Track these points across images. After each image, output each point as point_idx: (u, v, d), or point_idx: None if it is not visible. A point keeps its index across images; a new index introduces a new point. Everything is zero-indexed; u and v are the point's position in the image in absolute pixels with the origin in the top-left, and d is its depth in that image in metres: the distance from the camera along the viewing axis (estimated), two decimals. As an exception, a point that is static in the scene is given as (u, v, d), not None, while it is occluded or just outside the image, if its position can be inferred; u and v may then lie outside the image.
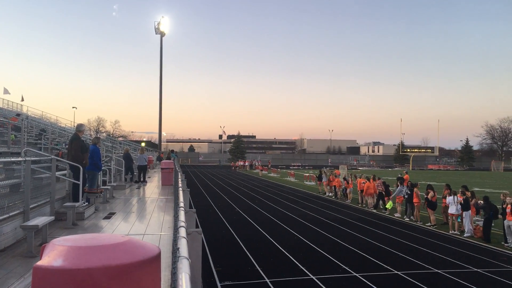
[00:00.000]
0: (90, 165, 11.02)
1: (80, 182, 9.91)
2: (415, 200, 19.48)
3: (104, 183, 14.09)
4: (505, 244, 14.73)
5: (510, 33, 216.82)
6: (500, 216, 15.37)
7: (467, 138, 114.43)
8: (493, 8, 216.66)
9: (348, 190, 28.35)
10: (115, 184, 15.76)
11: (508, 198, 14.60)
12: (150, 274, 2.04)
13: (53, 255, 1.93)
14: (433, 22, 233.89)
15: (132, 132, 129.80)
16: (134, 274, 1.95)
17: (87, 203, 10.44)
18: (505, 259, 13.14)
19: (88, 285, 1.84)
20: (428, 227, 18.39)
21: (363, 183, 25.49)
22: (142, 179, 20.09)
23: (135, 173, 20.81)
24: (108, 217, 10.08)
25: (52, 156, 9.67)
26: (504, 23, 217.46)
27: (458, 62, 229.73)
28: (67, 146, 12.30)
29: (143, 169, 20.47)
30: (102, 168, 12.97)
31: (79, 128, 11.07)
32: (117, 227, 8.85)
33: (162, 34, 50.98)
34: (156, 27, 50.89)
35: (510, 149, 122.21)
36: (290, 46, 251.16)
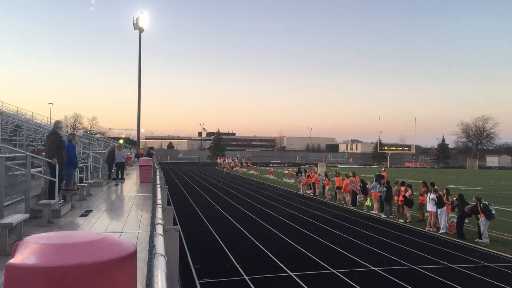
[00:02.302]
0: (66, 162, 10.85)
1: (56, 179, 9.74)
2: (400, 198, 19.63)
3: (81, 180, 13.87)
4: (479, 241, 15.07)
5: (486, 33, 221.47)
6: (473, 215, 15.70)
7: (443, 137, 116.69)
8: (467, 8, 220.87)
9: (326, 188, 28.58)
10: (92, 181, 15.55)
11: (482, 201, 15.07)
12: (126, 272, 2.02)
13: (26, 253, 1.90)
14: (411, 22, 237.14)
15: (110, 129, 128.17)
16: (110, 272, 1.93)
17: (63, 200, 10.27)
18: (478, 254, 13.44)
19: (62, 283, 1.81)
20: (404, 224, 18.68)
21: (342, 180, 25.73)
22: (120, 176, 19.86)
23: (113, 170, 20.56)
24: (84, 214, 9.93)
25: (27, 153, 9.48)
26: (479, 23, 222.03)
27: (435, 62, 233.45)
28: (43, 143, 12.08)
29: (121, 166, 20.23)
30: (79, 165, 12.75)
31: (57, 124, 10.88)
32: (94, 224, 8.73)
33: (141, 30, 50.37)
34: (135, 22, 50.26)
35: (484, 147, 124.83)
36: (270, 43, 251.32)
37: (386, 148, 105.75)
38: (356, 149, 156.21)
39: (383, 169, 32.68)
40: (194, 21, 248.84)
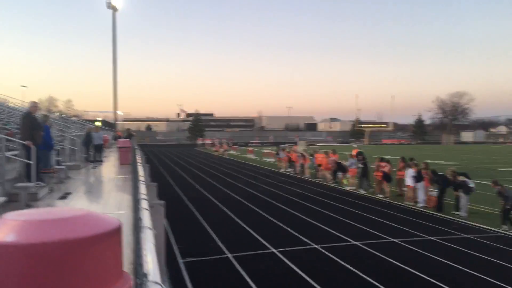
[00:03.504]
0: (41, 144, 10.58)
1: (32, 162, 9.50)
2: (380, 173, 19.88)
3: (58, 163, 13.59)
4: (457, 213, 15.41)
5: (460, 11, 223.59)
6: (451, 187, 16.01)
7: (419, 113, 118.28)
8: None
9: (305, 165, 28.74)
10: (70, 164, 15.26)
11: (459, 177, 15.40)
12: (111, 248, 1.94)
13: (5, 230, 1.79)
14: (388, 1, 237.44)
15: (85, 111, 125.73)
16: (94, 247, 1.84)
17: (40, 183, 10.05)
18: (456, 226, 13.75)
19: (44, 261, 1.72)
20: (384, 199, 18.97)
21: (322, 158, 25.90)
22: (98, 159, 19.56)
23: (90, 153, 20.23)
24: (63, 197, 9.74)
25: (1, 136, 9.20)
26: (453, 2, 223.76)
27: (411, 40, 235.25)
28: (18, 126, 11.74)
29: (99, 148, 19.91)
30: (55, 147, 12.46)
31: (32, 105, 10.58)
32: (73, 206, 8.58)
33: (114, 9, 49.09)
34: (108, 1, 48.92)
35: (460, 123, 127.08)
36: (248, 23, 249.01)
37: (364, 125, 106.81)
38: (335, 128, 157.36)
39: (355, 146, 32.60)
40: (170, 0, 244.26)
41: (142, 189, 2.96)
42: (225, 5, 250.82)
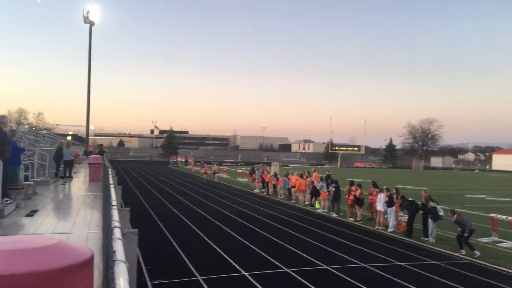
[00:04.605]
0: (8, 159, 10.30)
1: (0, 177, 9.22)
2: (351, 197, 20.05)
3: (26, 178, 13.25)
4: (425, 239, 15.66)
5: (433, 39, 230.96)
6: (421, 212, 16.27)
7: (391, 138, 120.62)
8: (417, 13, 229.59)
9: (279, 187, 28.80)
10: (38, 179, 14.88)
11: (431, 203, 15.73)
12: (82, 279, 1.91)
13: (-28, 261, 1.75)
14: (364, 25, 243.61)
15: (57, 125, 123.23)
16: (65, 279, 1.81)
17: (7, 199, 9.75)
18: (425, 252, 13.96)
19: (13, 293, 1.68)
20: (355, 223, 19.13)
21: (295, 180, 26.00)
22: (68, 175, 19.13)
23: (60, 168, 19.78)
24: (30, 214, 9.47)
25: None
26: (427, 30, 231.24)
27: (384, 66, 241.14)
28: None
29: (69, 164, 19.49)
30: (23, 163, 12.15)
31: (1, 119, 10.31)
32: (40, 225, 8.34)
33: (91, 24, 48.78)
34: (85, 16, 48.59)
35: (429, 148, 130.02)
36: (224, 43, 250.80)
37: (337, 148, 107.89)
38: (308, 149, 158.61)
39: (313, 169, 32.14)
40: (148, 17, 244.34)
41: (115, 215, 2.91)
42: (202, 23, 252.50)
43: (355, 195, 19.68)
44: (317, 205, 23.38)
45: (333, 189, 21.58)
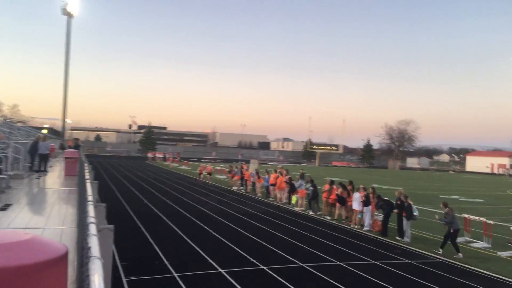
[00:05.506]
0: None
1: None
2: (333, 196, 20.22)
3: (-1, 171, 12.94)
4: (399, 238, 15.92)
5: (411, 40, 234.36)
6: (395, 211, 16.53)
7: (368, 138, 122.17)
8: (394, 14, 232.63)
9: (258, 185, 28.86)
10: (12, 173, 14.59)
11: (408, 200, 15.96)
12: (56, 275, 1.89)
13: None
14: (342, 23, 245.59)
15: (32, 117, 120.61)
16: (38, 275, 1.79)
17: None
18: (399, 251, 14.19)
19: (-16, 289, 1.65)
20: (332, 221, 19.33)
21: (276, 178, 26.08)
22: (43, 169, 18.80)
23: (35, 162, 19.42)
24: (3, 208, 9.29)
25: None
26: (399, 26, 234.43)
27: (363, 66, 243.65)
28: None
29: (45, 158, 19.15)
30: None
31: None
32: (14, 219, 8.19)
33: (69, 16, 47.92)
34: (64, 7, 47.70)
35: (406, 149, 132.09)
36: (204, 39, 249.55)
37: (315, 147, 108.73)
38: (287, 148, 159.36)
39: (280, 167, 31.95)
40: (127, 10, 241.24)
41: (91, 211, 2.88)
42: (183, 18, 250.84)
43: (337, 194, 19.80)
44: (293, 200, 23.51)
45: (311, 188, 21.76)
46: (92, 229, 2.27)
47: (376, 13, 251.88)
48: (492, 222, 15.84)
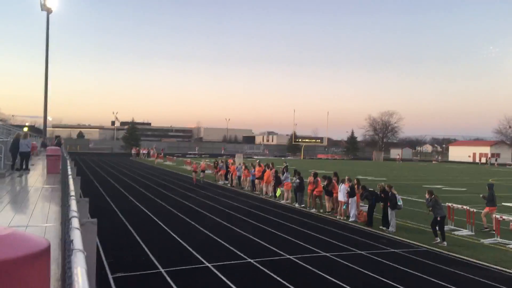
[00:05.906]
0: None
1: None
2: (319, 189, 20.30)
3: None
4: (384, 228, 16.07)
5: (396, 32, 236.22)
6: (381, 202, 16.68)
7: (352, 130, 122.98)
8: (384, 5, 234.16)
9: (245, 179, 28.84)
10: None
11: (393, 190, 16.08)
12: (37, 270, 1.83)
13: None
14: (325, 17, 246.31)
15: (13, 115, 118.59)
16: (19, 270, 1.73)
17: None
18: (384, 241, 14.33)
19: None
20: (318, 214, 19.44)
21: (262, 171, 26.07)
22: (24, 167, 18.49)
23: (17, 160, 19.09)
24: (-16, 208, 9.09)
25: None
26: (383, 18, 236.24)
27: (347, 58, 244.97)
28: None
29: (26, 156, 18.83)
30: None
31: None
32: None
33: (48, 11, 47.02)
34: (42, 2, 46.78)
35: (389, 140, 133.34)
36: (188, 33, 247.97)
37: (300, 140, 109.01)
38: (272, 141, 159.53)
39: (258, 161, 31.44)
40: (108, 5, 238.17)
41: (73, 205, 2.81)
42: (165, 13, 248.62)
43: (324, 186, 19.86)
44: (278, 193, 23.56)
45: (297, 180, 21.82)
46: (75, 222, 2.22)
47: (358, 5, 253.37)
48: (474, 210, 16.08)
